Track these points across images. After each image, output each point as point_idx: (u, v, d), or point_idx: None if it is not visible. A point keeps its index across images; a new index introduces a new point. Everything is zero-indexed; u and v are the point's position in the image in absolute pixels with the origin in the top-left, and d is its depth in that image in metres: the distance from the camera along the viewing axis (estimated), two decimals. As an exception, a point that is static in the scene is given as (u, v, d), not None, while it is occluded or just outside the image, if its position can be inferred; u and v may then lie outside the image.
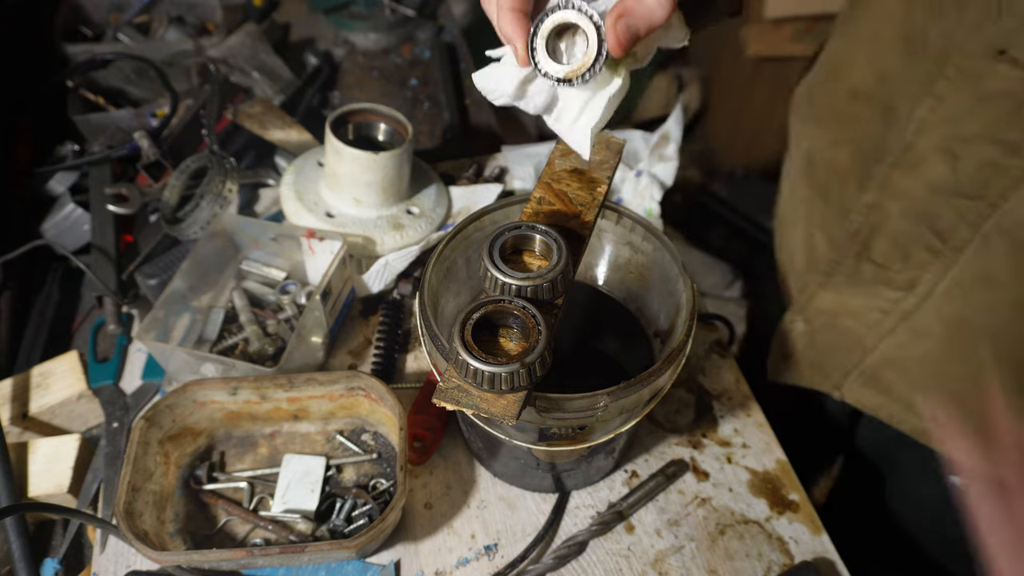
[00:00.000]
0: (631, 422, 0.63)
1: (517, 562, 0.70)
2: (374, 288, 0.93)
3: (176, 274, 0.82)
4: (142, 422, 0.70)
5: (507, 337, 0.51)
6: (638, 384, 0.56)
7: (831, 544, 0.73)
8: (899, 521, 0.96)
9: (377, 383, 0.72)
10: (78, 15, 1.29)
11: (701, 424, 0.83)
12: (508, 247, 0.54)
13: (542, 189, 0.59)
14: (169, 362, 0.81)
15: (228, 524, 0.73)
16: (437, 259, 0.66)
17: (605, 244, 0.77)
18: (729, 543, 0.73)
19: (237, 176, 0.96)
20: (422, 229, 0.97)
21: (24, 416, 0.81)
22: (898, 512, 0.96)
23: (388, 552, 0.72)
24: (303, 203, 0.94)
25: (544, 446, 0.64)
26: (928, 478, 0.87)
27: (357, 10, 1.47)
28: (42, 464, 0.76)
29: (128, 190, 0.95)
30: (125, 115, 1.12)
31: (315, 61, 1.36)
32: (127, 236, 0.98)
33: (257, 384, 0.73)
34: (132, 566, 0.70)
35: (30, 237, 0.92)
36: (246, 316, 0.88)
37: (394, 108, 0.97)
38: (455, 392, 0.48)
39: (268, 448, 0.78)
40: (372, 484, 0.75)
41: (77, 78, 1.16)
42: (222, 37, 1.24)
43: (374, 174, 0.91)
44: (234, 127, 1.10)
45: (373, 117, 0.98)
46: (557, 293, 0.51)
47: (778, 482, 0.78)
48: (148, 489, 0.69)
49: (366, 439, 0.79)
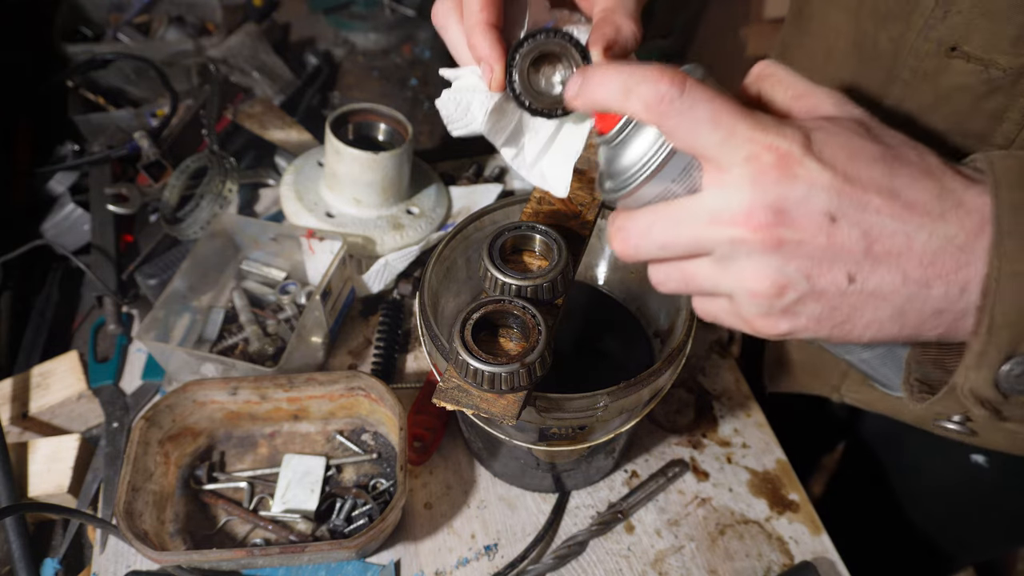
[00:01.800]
0: (631, 422, 0.63)
1: (517, 562, 0.70)
2: (374, 288, 0.93)
3: (176, 274, 0.82)
4: (142, 422, 0.70)
5: (507, 337, 0.51)
6: (638, 384, 0.56)
7: (831, 544, 0.73)
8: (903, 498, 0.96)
9: (377, 383, 0.72)
10: (78, 15, 1.29)
11: (701, 424, 0.83)
12: (508, 247, 0.54)
13: (542, 189, 0.59)
14: (169, 362, 0.81)
15: (228, 524, 0.73)
16: (437, 259, 0.66)
17: (605, 244, 0.77)
18: (729, 543, 0.73)
19: (237, 176, 0.96)
20: (422, 229, 0.97)
21: (24, 416, 0.81)
22: (903, 489, 0.96)
23: (388, 552, 0.72)
24: (303, 203, 0.94)
25: (544, 446, 0.64)
26: (936, 454, 0.87)
27: (357, 10, 1.47)
28: (42, 464, 0.76)
29: (128, 190, 0.95)
30: (125, 115, 1.12)
31: (315, 61, 1.36)
32: (127, 236, 0.98)
33: (257, 384, 0.73)
34: (132, 566, 0.70)
35: (30, 237, 0.92)
36: (246, 316, 0.88)
37: (394, 108, 0.97)
38: (455, 392, 0.48)
39: (268, 448, 0.78)
40: (372, 484, 0.75)
41: (77, 78, 1.16)
42: (222, 37, 1.24)
43: (374, 174, 0.92)
44: (234, 127, 1.10)
45: (373, 117, 0.98)
46: (557, 293, 0.51)
47: (778, 482, 0.78)
48: (148, 489, 0.69)
49: (366, 439, 0.79)
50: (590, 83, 0.38)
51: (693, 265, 0.38)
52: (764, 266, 0.35)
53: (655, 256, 0.39)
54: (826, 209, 0.34)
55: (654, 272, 0.41)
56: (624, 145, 0.39)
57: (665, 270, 0.40)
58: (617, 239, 0.40)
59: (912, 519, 0.96)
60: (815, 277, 0.35)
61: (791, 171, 0.34)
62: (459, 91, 0.47)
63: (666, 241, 0.37)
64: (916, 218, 0.34)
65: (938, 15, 0.52)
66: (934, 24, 0.53)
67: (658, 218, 0.37)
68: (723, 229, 0.35)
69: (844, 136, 0.36)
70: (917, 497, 0.96)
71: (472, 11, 0.44)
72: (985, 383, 0.36)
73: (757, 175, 0.34)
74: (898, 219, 0.34)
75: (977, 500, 0.89)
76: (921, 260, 0.34)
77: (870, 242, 0.34)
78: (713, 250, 0.36)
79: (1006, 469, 0.82)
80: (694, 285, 0.39)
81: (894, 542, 1.02)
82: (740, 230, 0.34)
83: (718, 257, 0.37)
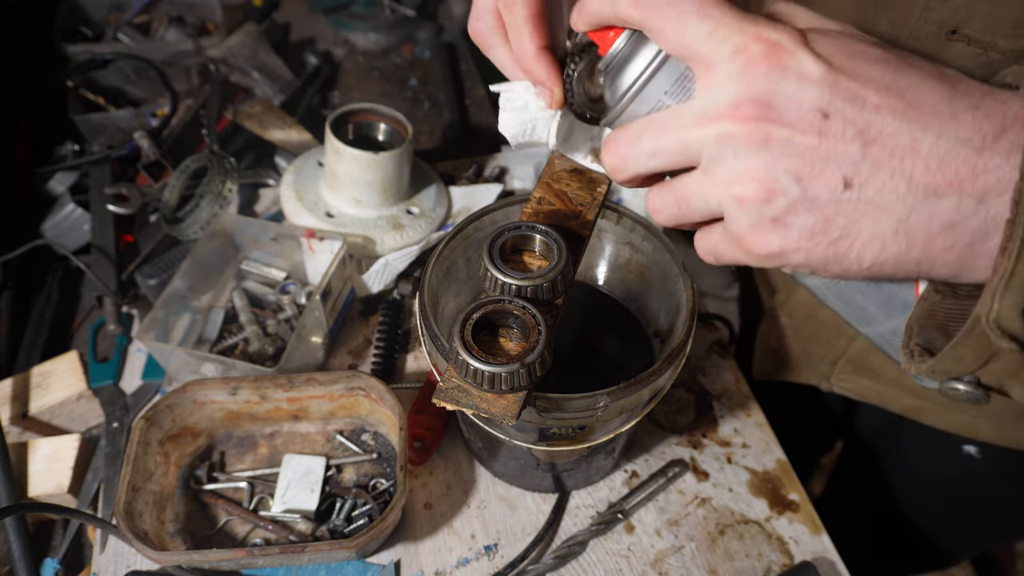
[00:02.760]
0: (631, 422, 0.63)
1: (517, 562, 0.70)
2: (374, 288, 0.93)
3: (176, 274, 0.82)
4: (142, 422, 0.70)
5: (507, 337, 0.51)
6: (638, 384, 0.56)
7: (831, 544, 0.73)
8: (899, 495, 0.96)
9: (377, 383, 0.72)
10: (78, 15, 1.29)
11: (701, 424, 0.83)
12: (508, 247, 0.54)
13: (542, 189, 0.59)
14: (169, 362, 0.81)
15: (228, 524, 0.73)
16: (437, 259, 0.66)
17: (605, 244, 0.77)
18: (729, 543, 0.73)
19: (237, 176, 0.96)
20: (422, 229, 0.97)
21: (24, 416, 0.81)
22: (899, 486, 0.96)
23: (388, 552, 0.72)
24: (303, 203, 0.94)
25: (544, 446, 0.64)
26: (932, 448, 0.88)
27: (357, 10, 1.48)
28: (42, 464, 0.76)
29: (128, 190, 0.95)
30: (125, 115, 1.12)
31: (315, 61, 1.36)
32: (127, 236, 0.98)
33: (257, 384, 0.73)
34: (132, 566, 0.70)
35: (30, 237, 0.92)
36: (246, 316, 0.88)
37: (394, 108, 0.97)
38: (455, 392, 0.48)
39: (268, 448, 0.78)
40: (372, 484, 0.75)
41: (77, 78, 1.16)
42: (222, 37, 1.24)
43: (374, 174, 0.92)
44: (234, 127, 1.10)
45: (373, 117, 0.98)
46: (557, 293, 0.51)
47: (778, 482, 0.78)
48: (148, 489, 0.69)
49: (366, 439, 0.79)
50: None
51: (683, 181, 0.37)
52: (751, 165, 0.32)
53: (644, 167, 0.38)
54: (817, 104, 0.31)
55: (651, 199, 0.39)
56: (620, 66, 0.39)
57: (660, 194, 0.38)
58: (608, 151, 0.39)
59: (909, 515, 0.97)
60: (806, 180, 0.32)
61: (781, 62, 0.32)
62: (516, 111, 0.49)
63: (654, 148, 0.36)
64: (922, 118, 0.31)
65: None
66: (934, 7, 0.53)
67: (647, 125, 0.36)
68: (709, 127, 0.33)
69: (845, 38, 0.34)
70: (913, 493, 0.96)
71: (522, 38, 0.44)
72: (1014, 310, 0.30)
73: (745, 66, 0.32)
74: (901, 117, 0.31)
75: (970, 492, 0.90)
76: (928, 164, 0.31)
77: (867, 142, 0.31)
78: (701, 155, 0.35)
79: (997, 460, 0.82)
80: (686, 205, 0.37)
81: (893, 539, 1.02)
82: (725, 124, 0.33)
83: (706, 163, 0.35)
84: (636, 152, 0.37)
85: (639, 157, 0.37)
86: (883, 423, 0.94)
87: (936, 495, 0.93)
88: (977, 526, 0.95)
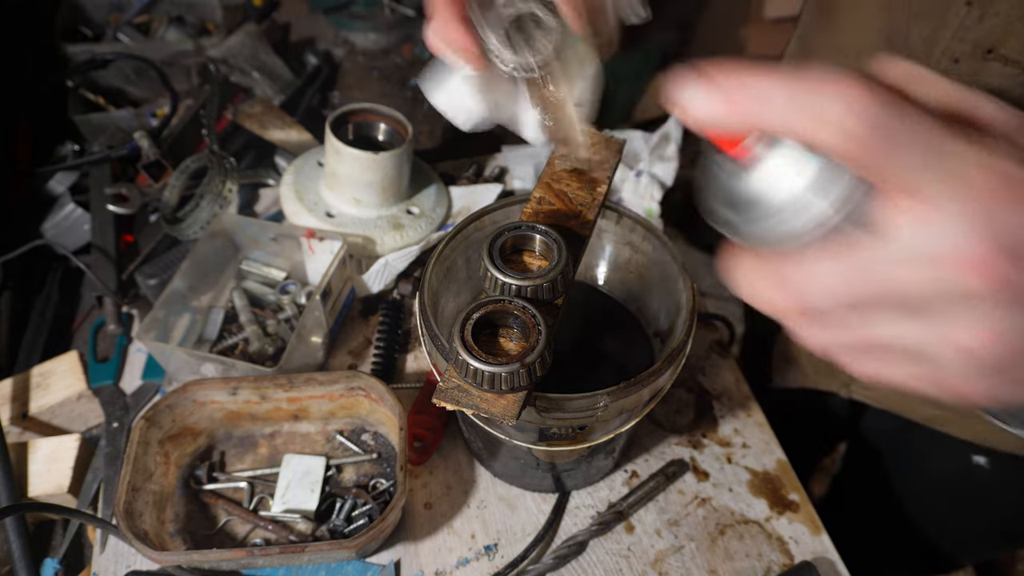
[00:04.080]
0: (631, 422, 0.63)
1: (517, 562, 0.70)
2: (374, 288, 0.93)
3: (176, 274, 0.82)
4: (142, 422, 0.70)
5: (507, 337, 0.51)
6: (638, 384, 0.56)
7: (831, 544, 0.73)
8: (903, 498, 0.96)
9: (377, 383, 0.72)
10: (78, 15, 1.29)
11: (701, 424, 0.83)
12: (508, 247, 0.54)
13: (542, 189, 0.59)
14: (169, 362, 0.81)
15: (228, 524, 0.73)
16: (437, 259, 0.66)
17: (605, 244, 0.77)
18: (729, 543, 0.73)
19: (237, 176, 0.96)
20: (422, 229, 0.97)
21: (24, 416, 0.81)
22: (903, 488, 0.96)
23: (388, 552, 0.72)
24: (303, 203, 0.94)
25: (544, 446, 0.64)
26: (939, 453, 0.87)
27: (357, 10, 1.48)
28: (42, 464, 0.76)
29: (128, 190, 0.95)
30: (125, 115, 1.12)
31: (315, 61, 1.36)
32: (127, 236, 0.98)
33: (257, 384, 0.73)
34: (132, 566, 0.70)
35: (30, 237, 0.92)
36: (246, 316, 0.88)
37: (394, 108, 0.97)
38: (455, 392, 0.48)
39: (268, 448, 0.78)
40: (372, 484, 0.75)
41: (77, 78, 1.16)
42: (222, 37, 1.24)
43: (374, 174, 0.91)
44: (234, 127, 1.10)
45: (373, 117, 0.98)
46: (557, 293, 0.51)
47: (778, 482, 0.78)
48: (148, 489, 0.69)
49: (366, 439, 0.79)
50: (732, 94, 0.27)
51: (878, 324, 0.29)
52: (995, 323, 0.27)
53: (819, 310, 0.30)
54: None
55: (811, 334, 0.31)
56: (763, 170, 0.29)
57: (833, 333, 0.30)
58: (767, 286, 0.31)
59: (912, 519, 0.96)
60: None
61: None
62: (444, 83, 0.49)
63: (843, 291, 0.28)
64: None
65: (974, 17, 0.52)
66: (970, 26, 0.52)
67: (833, 263, 0.28)
68: (933, 275, 0.26)
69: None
70: (918, 496, 0.96)
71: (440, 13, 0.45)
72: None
73: (980, 206, 0.25)
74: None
75: (977, 500, 0.89)
76: None
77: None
78: (910, 302, 0.28)
79: (1005, 469, 0.82)
80: (879, 348, 0.30)
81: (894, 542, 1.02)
82: (959, 274, 0.26)
83: (916, 310, 0.28)
84: (817, 291, 0.29)
85: (821, 297, 0.29)
86: (891, 427, 0.94)
87: (941, 500, 0.93)
88: (982, 533, 0.95)
